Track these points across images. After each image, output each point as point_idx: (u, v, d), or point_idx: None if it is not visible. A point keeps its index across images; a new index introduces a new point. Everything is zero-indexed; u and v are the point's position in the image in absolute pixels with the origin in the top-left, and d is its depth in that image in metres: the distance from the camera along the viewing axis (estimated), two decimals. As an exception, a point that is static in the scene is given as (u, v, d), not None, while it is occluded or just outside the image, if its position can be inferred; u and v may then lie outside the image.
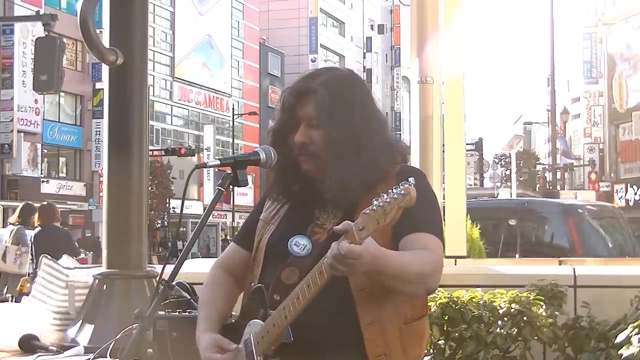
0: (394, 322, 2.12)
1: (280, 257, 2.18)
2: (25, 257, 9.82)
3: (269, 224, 2.31)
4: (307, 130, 2.21)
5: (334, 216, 2.19)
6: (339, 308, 2.09)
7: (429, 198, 2.20)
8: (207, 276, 2.40)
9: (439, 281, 2.14)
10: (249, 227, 2.38)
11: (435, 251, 2.11)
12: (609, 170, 42.57)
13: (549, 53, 31.89)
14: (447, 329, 4.17)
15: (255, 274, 2.26)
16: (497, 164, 47.25)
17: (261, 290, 2.16)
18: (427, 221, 2.15)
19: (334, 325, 2.11)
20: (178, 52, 49.38)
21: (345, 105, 2.21)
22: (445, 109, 6.24)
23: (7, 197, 33.02)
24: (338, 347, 2.11)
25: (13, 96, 34.12)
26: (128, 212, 4.03)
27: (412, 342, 2.16)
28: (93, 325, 3.75)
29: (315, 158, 2.21)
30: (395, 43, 72.29)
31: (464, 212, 6.25)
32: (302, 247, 2.16)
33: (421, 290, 2.12)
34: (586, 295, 4.49)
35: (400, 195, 1.87)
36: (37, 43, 10.31)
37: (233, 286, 2.37)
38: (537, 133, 71.43)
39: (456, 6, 6.33)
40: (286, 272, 2.14)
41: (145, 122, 4.14)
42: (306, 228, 2.20)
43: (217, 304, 2.32)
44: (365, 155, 2.17)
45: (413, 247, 2.09)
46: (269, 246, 2.26)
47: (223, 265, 2.41)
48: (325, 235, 2.15)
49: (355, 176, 2.14)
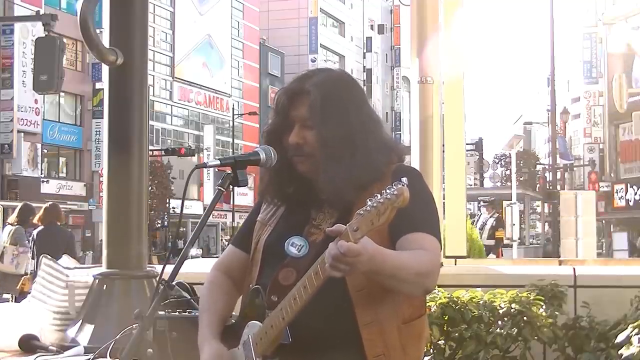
0: (392, 322, 2.12)
1: (277, 258, 2.18)
2: (23, 258, 9.82)
3: (266, 225, 2.31)
4: (301, 130, 2.21)
5: (330, 216, 2.19)
6: (337, 309, 2.09)
7: (425, 198, 2.20)
8: (206, 278, 2.40)
9: (436, 281, 2.14)
10: (247, 229, 2.38)
11: (433, 251, 2.11)
12: (609, 170, 42.54)
13: (549, 53, 31.90)
14: (447, 329, 4.18)
15: (253, 275, 2.27)
16: (497, 164, 47.26)
17: (259, 291, 2.16)
18: (424, 221, 2.15)
19: (332, 326, 2.11)
20: (178, 52, 49.38)
21: (338, 105, 2.21)
22: (445, 109, 6.24)
23: (7, 197, 32.99)
24: (337, 348, 2.11)
25: (13, 96, 34.13)
26: (128, 212, 4.03)
27: (411, 341, 2.16)
28: (93, 325, 3.75)
29: (311, 158, 2.20)
30: (395, 43, 72.29)
31: (464, 212, 6.26)
32: (298, 248, 2.16)
33: (419, 289, 2.11)
34: (586, 295, 4.49)
35: (394, 195, 1.87)
36: (37, 43, 10.30)
37: (232, 288, 2.37)
38: (537, 133, 71.45)
39: (456, 6, 6.34)
40: (283, 273, 2.14)
41: (145, 122, 4.14)
42: (303, 229, 2.20)
43: (217, 307, 2.32)
44: (360, 156, 2.17)
45: (410, 247, 2.09)
46: (266, 247, 2.26)
47: (221, 268, 2.41)
48: (321, 235, 2.15)
49: (349, 176, 2.14)
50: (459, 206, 6.20)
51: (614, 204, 39.30)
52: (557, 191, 30.65)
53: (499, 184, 41.72)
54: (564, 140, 45.61)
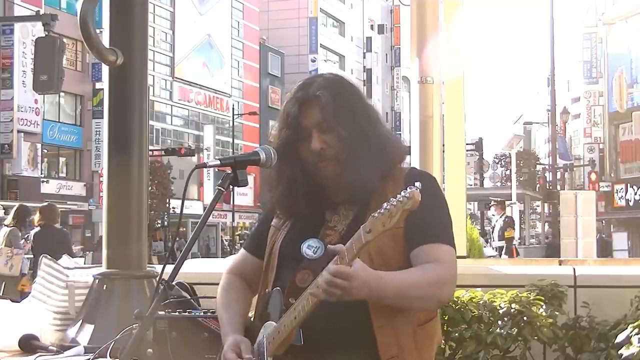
0: (407, 325, 2.14)
1: (293, 261, 2.20)
2: (17, 260, 9.81)
3: (279, 230, 2.33)
4: (320, 135, 2.22)
5: (345, 218, 2.21)
6: (351, 310, 2.10)
7: (439, 204, 2.24)
8: (221, 282, 2.43)
9: (452, 292, 2.18)
10: (260, 235, 2.40)
11: (447, 261, 2.14)
12: (609, 170, 42.54)
13: (549, 53, 31.93)
14: (447, 329, 4.17)
15: (269, 279, 2.28)
16: (497, 164, 47.23)
17: (278, 293, 2.18)
18: (436, 230, 2.18)
19: (347, 327, 2.12)
20: (178, 52, 49.37)
21: (347, 103, 2.25)
22: (445, 109, 6.24)
23: (7, 197, 32.98)
24: (350, 349, 2.12)
25: (13, 96, 34.08)
26: (128, 212, 4.02)
27: (425, 343, 2.18)
28: (93, 325, 3.75)
29: (335, 161, 2.22)
30: (395, 43, 72.30)
31: (464, 212, 6.26)
32: (314, 250, 2.18)
33: (432, 303, 2.16)
34: (586, 295, 4.49)
35: (405, 198, 1.90)
36: (37, 43, 10.31)
37: (247, 291, 2.41)
38: (537, 133, 71.44)
39: (456, 6, 6.34)
40: (300, 275, 2.16)
41: (145, 122, 4.14)
42: (318, 231, 2.22)
43: (238, 306, 2.35)
44: (374, 146, 2.22)
45: (426, 259, 2.12)
46: (282, 251, 2.28)
47: (235, 271, 2.44)
48: (337, 237, 2.18)
49: (370, 167, 2.19)
50: (459, 206, 6.20)
51: (614, 204, 39.29)
52: (557, 191, 30.68)
53: (499, 184, 41.72)
54: (563, 140, 45.63)
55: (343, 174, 2.20)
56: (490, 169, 46.62)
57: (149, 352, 2.88)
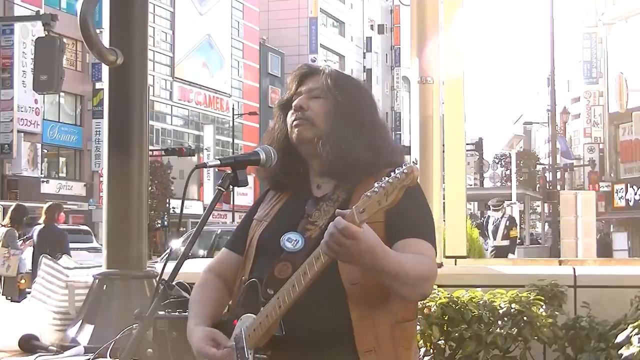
0: (385, 319, 2.12)
1: (272, 252, 2.18)
2: (14, 260, 9.81)
3: (261, 221, 2.31)
4: (307, 98, 2.26)
5: (326, 213, 2.19)
6: (330, 301, 2.09)
7: (424, 206, 2.22)
8: (198, 279, 2.40)
9: (432, 288, 2.15)
10: (241, 230, 2.38)
11: (432, 258, 2.13)
12: (609, 170, 42.51)
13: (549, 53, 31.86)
14: (447, 329, 4.17)
15: (246, 269, 2.26)
16: (497, 164, 47.30)
17: (255, 284, 2.15)
18: (423, 228, 2.16)
19: (325, 319, 2.10)
20: (178, 52, 49.38)
21: (347, 85, 2.27)
22: (445, 109, 6.24)
23: (7, 197, 32.95)
24: (329, 341, 2.11)
25: (13, 96, 34.10)
26: (128, 212, 4.03)
27: (403, 341, 2.16)
28: (93, 325, 3.75)
29: (310, 123, 2.23)
30: (395, 43, 72.29)
31: (464, 212, 6.26)
32: (294, 243, 2.16)
33: (415, 293, 2.10)
34: (586, 295, 4.49)
35: (403, 174, 1.85)
36: (37, 43, 10.32)
37: (223, 291, 2.36)
38: (537, 133, 71.45)
39: (456, 6, 6.34)
40: (279, 267, 2.14)
41: (145, 122, 4.14)
42: (298, 225, 2.20)
43: (210, 303, 2.31)
44: (366, 133, 2.21)
45: (409, 251, 2.08)
46: (261, 242, 2.26)
47: (214, 270, 2.40)
48: (317, 231, 2.15)
49: (354, 149, 2.17)
50: (459, 206, 6.20)
51: (614, 204, 39.26)
52: (557, 191, 30.65)
53: (499, 184, 41.75)
54: (564, 140, 45.62)
55: (322, 142, 2.19)
56: (490, 169, 46.66)
57: (149, 352, 2.88)
